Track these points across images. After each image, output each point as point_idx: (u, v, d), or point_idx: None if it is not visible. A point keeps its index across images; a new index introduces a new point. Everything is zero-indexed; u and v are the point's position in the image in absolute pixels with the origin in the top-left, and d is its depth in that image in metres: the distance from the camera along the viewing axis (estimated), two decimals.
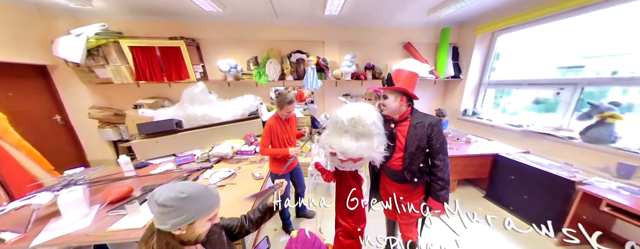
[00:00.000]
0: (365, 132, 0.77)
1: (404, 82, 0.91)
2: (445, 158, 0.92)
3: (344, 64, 2.74)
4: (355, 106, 0.82)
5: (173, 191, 0.50)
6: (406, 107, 0.94)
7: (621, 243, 1.50)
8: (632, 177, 1.42)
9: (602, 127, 1.63)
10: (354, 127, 0.77)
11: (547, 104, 2.24)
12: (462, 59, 2.99)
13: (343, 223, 0.90)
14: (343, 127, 0.79)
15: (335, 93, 3.21)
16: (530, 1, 2.01)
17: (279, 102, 1.35)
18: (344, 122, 0.78)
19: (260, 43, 2.81)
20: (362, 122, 0.77)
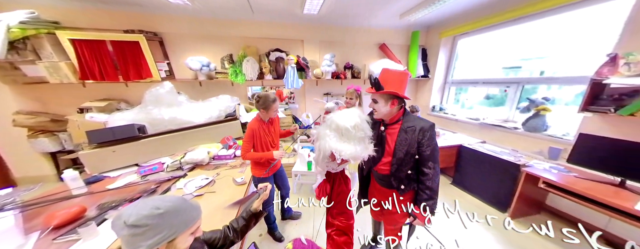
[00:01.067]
0: (364, 136, 0.84)
1: (393, 84, 0.84)
2: (435, 166, 0.87)
3: (324, 63, 2.79)
4: (351, 112, 0.86)
5: (146, 208, 0.45)
6: (398, 109, 0.89)
7: (552, 212, 1.87)
8: (559, 158, 1.77)
9: (538, 119, 1.99)
10: (357, 133, 0.82)
11: (495, 99, 2.69)
12: (430, 60, 3.32)
13: (335, 222, 0.95)
14: (348, 134, 0.82)
15: (316, 92, 3.24)
16: (484, 11, 2.34)
17: (263, 103, 1.28)
18: (349, 130, 0.81)
19: (235, 40, 2.66)
20: (362, 128, 0.83)
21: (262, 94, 1.33)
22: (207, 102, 2.22)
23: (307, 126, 2.97)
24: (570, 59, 1.93)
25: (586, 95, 1.48)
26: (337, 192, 0.94)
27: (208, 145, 1.88)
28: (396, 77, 0.85)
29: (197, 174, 1.51)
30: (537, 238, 1.59)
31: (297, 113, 3.23)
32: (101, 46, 2.09)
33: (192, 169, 1.61)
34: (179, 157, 1.62)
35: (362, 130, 0.83)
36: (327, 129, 0.86)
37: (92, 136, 1.51)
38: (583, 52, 1.81)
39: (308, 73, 2.84)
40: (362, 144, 0.83)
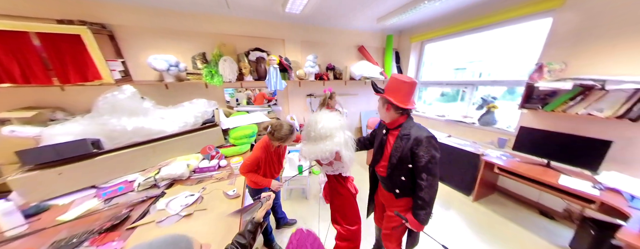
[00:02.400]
0: (317, 136, 0.85)
1: (391, 90, 0.88)
2: (429, 178, 0.83)
3: (307, 64, 2.79)
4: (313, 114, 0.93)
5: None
6: (397, 115, 0.90)
7: (502, 191, 2.34)
8: (505, 147, 2.22)
9: (489, 115, 2.44)
10: (307, 134, 0.88)
11: (448, 96, 3.26)
12: (402, 63, 3.66)
13: (337, 226, 0.93)
14: (304, 135, 0.89)
15: (299, 93, 3.23)
16: (446, 21, 2.70)
17: (279, 137, 1.17)
18: (303, 131, 0.88)
19: (208, 37, 2.43)
20: (312, 128, 0.86)
21: (277, 124, 1.18)
22: (179, 108, 1.98)
23: None
24: (505, 64, 2.48)
25: (523, 95, 1.89)
26: (336, 194, 0.91)
27: (186, 157, 1.69)
28: (396, 84, 0.89)
29: (178, 190, 1.36)
30: (493, 215, 1.97)
31: (281, 116, 3.16)
32: (22, 39, 1.64)
33: (170, 186, 1.43)
34: (153, 173, 1.42)
35: (312, 131, 0.84)
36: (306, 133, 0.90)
37: (25, 157, 1.19)
38: (517, 58, 2.33)
39: (291, 74, 2.80)
40: (319, 144, 0.83)
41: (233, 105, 2.72)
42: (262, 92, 2.80)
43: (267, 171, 1.34)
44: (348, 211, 0.90)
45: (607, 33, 1.48)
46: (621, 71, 1.42)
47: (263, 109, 2.82)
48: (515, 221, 1.86)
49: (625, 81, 1.28)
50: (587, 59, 1.59)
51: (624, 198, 1.24)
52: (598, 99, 1.47)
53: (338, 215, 0.94)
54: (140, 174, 1.45)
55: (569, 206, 1.82)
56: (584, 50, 1.61)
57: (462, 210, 2.06)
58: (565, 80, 1.55)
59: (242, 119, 2.29)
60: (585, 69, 1.59)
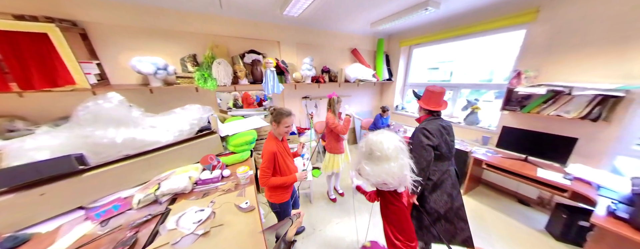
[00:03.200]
0: (382, 157, 0.76)
1: (425, 97, 1.30)
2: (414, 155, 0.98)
3: (304, 67, 2.78)
4: (376, 134, 0.82)
5: None
6: (422, 113, 1.32)
7: (486, 183, 2.62)
8: (488, 144, 2.48)
9: (473, 115, 2.70)
10: (371, 153, 0.78)
11: None
12: (392, 65, 3.83)
13: (397, 242, 0.83)
14: (362, 153, 0.82)
15: (295, 96, 3.20)
16: (433, 28, 2.90)
17: (276, 116, 1.21)
18: (362, 149, 0.82)
19: (199, 37, 2.29)
20: (377, 148, 0.76)
21: (274, 108, 1.26)
22: (171, 115, 1.84)
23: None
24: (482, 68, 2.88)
25: (504, 98, 2.13)
26: (391, 208, 0.83)
27: (185, 168, 1.59)
28: (427, 93, 1.29)
29: (183, 206, 1.28)
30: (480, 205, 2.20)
31: None
32: None
33: (173, 202, 1.34)
34: (152, 189, 1.32)
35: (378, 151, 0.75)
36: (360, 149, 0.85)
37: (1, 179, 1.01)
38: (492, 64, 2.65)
39: (287, 77, 2.77)
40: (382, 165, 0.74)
41: (226, 108, 2.61)
42: (246, 92, 2.70)
43: (285, 167, 1.27)
44: (405, 225, 0.82)
45: (572, 46, 1.75)
46: (584, 78, 1.69)
47: (259, 113, 2.75)
48: (499, 210, 2.10)
49: (588, 88, 1.52)
50: (556, 67, 1.86)
51: (591, 186, 1.49)
52: (566, 102, 1.73)
53: (395, 230, 0.83)
54: (138, 191, 1.33)
55: (541, 194, 2.11)
56: (553, 59, 1.87)
57: None
58: (540, 86, 1.79)
59: (240, 124, 2.21)
60: (556, 76, 1.85)
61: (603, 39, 1.59)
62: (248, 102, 2.77)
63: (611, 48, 1.55)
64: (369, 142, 0.79)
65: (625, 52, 1.50)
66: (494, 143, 2.28)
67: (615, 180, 1.47)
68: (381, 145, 0.76)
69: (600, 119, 1.56)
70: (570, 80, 1.75)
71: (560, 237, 1.64)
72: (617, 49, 1.53)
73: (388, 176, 0.75)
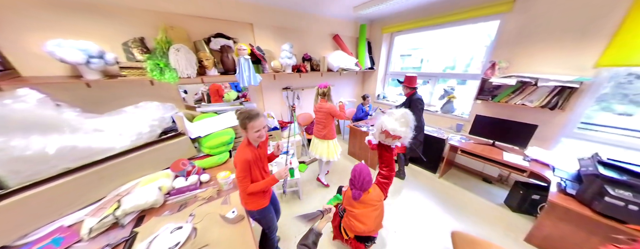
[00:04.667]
0: (404, 123, 1.17)
1: (406, 81, 2.22)
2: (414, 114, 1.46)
3: (283, 54, 2.52)
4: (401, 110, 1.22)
5: None
6: (408, 91, 2.24)
7: (457, 166, 2.90)
8: (461, 131, 2.70)
9: (449, 104, 2.87)
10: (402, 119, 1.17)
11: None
12: (374, 53, 3.77)
13: (382, 169, 1.31)
14: (399, 119, 1.18)
15: (274, 87, 2.95)
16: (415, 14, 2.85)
17: (241, 121, 1.02)
18: (399, 117, 1.18)
19: (145, 16, 1.82)
20: (407, 118, 1.18)
21: (245, 108, 1.07)
22: (121, 115, 1.49)
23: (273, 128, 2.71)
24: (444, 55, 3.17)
25: (478, 88, 2.27)
26: (384, 152, 1.29)
27: (152, 177, 1.35)
28: (408, 78, 2.20)
29: (154, 226, 1.08)
30: (453, 186, 2.45)
31: None
32: None
33: (140, 221, 1.13)
34: (110, 209, 1.08)
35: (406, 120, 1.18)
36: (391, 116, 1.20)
37: None
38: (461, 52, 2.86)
39: (265, 66, 2.48)
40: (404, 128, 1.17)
41: (193, 103, 2.26)
42: (216, 84, 2.34)
43: (259, 171, 1.14)
44: (391, 163, 1.28)
45: (540, 38, 1.88)
46: (548, 70, 1.86)
47: (235, 107, 2.47)
48: (468, 189, 2.37)
49: (550, 79, 1.68)
50: (525, 59, 2.00)
51: (545, 166, 1.73)
52: (531, 92, 1.91)
53: (383, 164, 1.30)
54: (88, 215, 1.08)
55: (501, 172, 2.43)
56: (523, 51, 2.01)
57: (432, 186, 2.47)
58: (511, 77, 1.93)
59: (213, 123, 1.95)
60: (525, 67, 2.01)
61: (566, 32, 1.73)
62: (219, 95, 2.44)
63: (571, 42, 1.71)
64: (398, 113, 1.19)
65: (581, 46, 1.67)
66: (467, 130, 2.49)
67: (564, 159, 1.74)
68: (406, 115, 1.18)
69: (557, 107, 1.77)
70: (537, 71, 1.91)
71: (516, 209, 1.93)
72: (576, 43, 1.69)
73: (398, 132, 1.14)
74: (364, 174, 1.14)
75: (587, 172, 1.20)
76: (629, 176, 1.05)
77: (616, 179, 1.05)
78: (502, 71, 2.09)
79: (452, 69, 3.23)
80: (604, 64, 1.57)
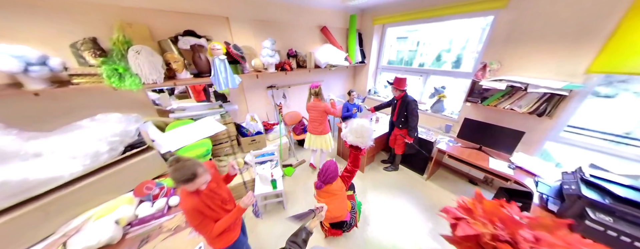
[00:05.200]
0: (360, 134, 1.39)
1: (396, 83, 2.22)
2: (413, 117, 2.26)
3: (264, 52, 2.31)
4: (360, 122, 1.42)
5: None
6: (399, 93, 2.27)
7: (445, 166, 2.93)
8: (450, 132, 2.68)
9: (439, 103, 2.81)
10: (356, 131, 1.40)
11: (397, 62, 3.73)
12: (365, 45, 3.57)
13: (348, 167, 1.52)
14: (351, 129, 1.42)
15: (258, 86, 2.77)
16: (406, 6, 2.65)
17: (175, 182, 0.83)
18: (353, 126, 1.41)
19: (95, 11, 1.56)
20: (361, 130, 1.39)
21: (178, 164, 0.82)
22: (75, 132, 1.33)
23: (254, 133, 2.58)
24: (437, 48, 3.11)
25: (469, 90, 2.21)
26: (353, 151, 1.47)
27: (109, 207, 1.23)
28: (398, 80, 2.19)
29: None
30: (439, 188, 2.49)
31: (237, 116, 2.70)
32: None
33: None
34: None
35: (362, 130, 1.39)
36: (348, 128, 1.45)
37: None
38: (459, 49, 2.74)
39: (245, 66, 2.28)
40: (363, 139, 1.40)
41: (168, 106, 2.07)
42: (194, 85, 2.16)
43: (217, 207, 0.98)
44: (357, 162, 1.47)
45: (532, 39, 1.78)
46: (538, 74, 1.79)
47: (214, 111, 2.31)
48: (454, 191, 2.42)
49: (540, 86, 1.62)
50: (516, 61, 1.92)
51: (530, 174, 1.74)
52: (520, 98, 1.86)
53: (350, 159, 1.49)
54: None
55: (487, 176, 2.47)
56: (514, 52, 1.92)
57: (419, 189, 2.49)
58: (501, 81, 1.85)
59: (187, 133, 1.81)
60: (515, 70, 1.93)
61: (558, 33, 1.64)
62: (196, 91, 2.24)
63: (564, 45, 1.63)
64: (356, 124, 1.40)
65: (573, 50, 1.60)
66: (456, 131, 2.46)
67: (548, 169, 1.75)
68: (361, 128, 1.38)
69: (544, 114, 1.73)
70: (527, 75, 1.85)
71: None
72: (568, 46, 1.61)
73: (357, 143, 1.40)
74: (330, 170, 1.34)
75: (569, 192, 1.19)
76: (611, 199, 1.04)
77: (598, 202, 1.04)
78: (493, 73, 2.01)
79: (448, 51, 3.10)
80: (596, 70, 1.51)
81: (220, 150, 2.28)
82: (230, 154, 2.37)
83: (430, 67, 3.17)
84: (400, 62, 3.60)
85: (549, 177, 1.65)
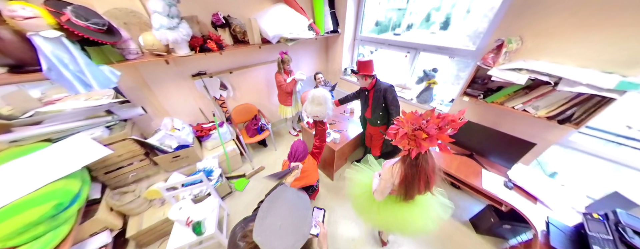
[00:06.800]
0: (319, 102, 1.36)
1: (362, 68, 1.64)
2: (393, 107, 1.69)
3: (157, 20, 1.38)
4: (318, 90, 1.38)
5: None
6: (371, 80, 1.69)
7: None
8: None
9: (428, 92, 2.22)
10: (312, 100, 1.38)
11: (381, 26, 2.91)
12: (338, 7, 2.62)
13: (316, 141, 1.50)
14: (308, 100, 1.40)
15: (175, 76, 1.89)
16: None
17: None
18: (309, 97, 1.39)
19: None
20: (317, 98, 1.37)
21: None
22: None
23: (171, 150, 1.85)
24: None
25: (469, 79, 1.61)
26: (319, 127, 1.46)
27: None
28: (364, 64, 1.63)
29: None
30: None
31: (147, 124, 1.90)
32: None
33: None
34: None
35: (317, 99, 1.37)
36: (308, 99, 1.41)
37: None
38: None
39: (128, 47, 1.37)
40: (319, 107, 1.37)
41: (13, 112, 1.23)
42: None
43: None
44: (323, 136, 1.49)
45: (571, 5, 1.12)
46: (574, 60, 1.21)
47: (96, 121, 1.49)
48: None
49: (580, 83, 1.07)
50: (543, 40, 1.29)
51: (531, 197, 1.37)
52: (541, 95, 1.31)
53: (316, 136, 1.50)
54: None
55: None
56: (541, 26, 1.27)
57: None
58: (521, 71, 1.26)
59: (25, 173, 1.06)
60: (540, 52, 1.32)
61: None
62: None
63: (625, 14, 1.01)
64: (312, 93, 1.37)
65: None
66: None
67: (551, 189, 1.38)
68: (320, 97, 1.36)
69: (569, 121, 1.25)
70: (557, 60, 1.26)
71: (483, 232, 1.71)
72: (634, 17, 1.00)
73: (317, 113, 1.37)
74: (299, 150, 1.28)
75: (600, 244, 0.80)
76: None
77: None
78: (509, 57, 1.39)
79: (437, 10, 2.53)
80: None
81: (121, 177, 1.59)
82: (143, 178, 1.70)
83: (418, 28, 2.45)
84: (389, 25, 2.76)
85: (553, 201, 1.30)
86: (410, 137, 0.85)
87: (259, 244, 0.45)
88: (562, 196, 1.34)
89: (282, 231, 0.46)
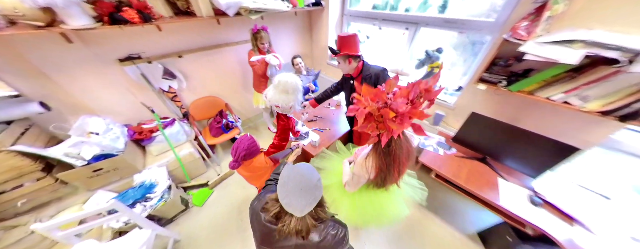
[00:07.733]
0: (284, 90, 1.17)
1: (344, 46, 1.17)
2: None
3: None
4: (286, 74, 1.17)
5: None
6: (356, 63, 1.25)
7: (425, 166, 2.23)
8: (440, 124, 1.82)
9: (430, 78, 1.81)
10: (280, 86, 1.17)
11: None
12: None
13: (274, 141, 1.41)
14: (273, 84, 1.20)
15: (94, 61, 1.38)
16: None
17: None
18: (274, 81, 1.19)
19: None
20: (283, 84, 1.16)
21: None
22: None
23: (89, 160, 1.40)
24: None
25: (487, 61, 1.20)
26: (280, 123, 1.34)
27: None
28: (346, 40, 1.17)
29: None
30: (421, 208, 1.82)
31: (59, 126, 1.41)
32: None
33: None
34: None
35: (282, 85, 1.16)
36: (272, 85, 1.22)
37: None
38: None
39: None
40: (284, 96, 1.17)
41: None
42: None
43: None
44: (285, 134, 1.36)
45: None
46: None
47: None
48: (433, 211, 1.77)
49: None
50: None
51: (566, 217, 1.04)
52: (598, 80, 0.92)
53: (278, 134, 1.37)
54: None
55: None
56: None
57: None
58: (573, 44, 0.85)
59: None
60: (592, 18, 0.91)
61: None
62: None
63: None
64: (279, 76, 1.16)
65: None
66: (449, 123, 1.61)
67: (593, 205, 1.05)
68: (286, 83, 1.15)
69: (634, 118, 0.87)
70: (618, 29, 0.86)
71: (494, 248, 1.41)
72: None
73: (279, 102, 1.18)
74: (242, 148, 1.04)
75: None
76: None
77: None
78: (549, 25, 0.98)
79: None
80: None
81: (5, 206, 1.15)
82: (48, 203, 1.26)
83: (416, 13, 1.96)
84: (386, 7, 2.24)
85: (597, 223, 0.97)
86: (377, 118, 0.67)
87: (286, 206, 0.56)
88: (609, 216, 1.01)
89: (302, 193, 0.56)
